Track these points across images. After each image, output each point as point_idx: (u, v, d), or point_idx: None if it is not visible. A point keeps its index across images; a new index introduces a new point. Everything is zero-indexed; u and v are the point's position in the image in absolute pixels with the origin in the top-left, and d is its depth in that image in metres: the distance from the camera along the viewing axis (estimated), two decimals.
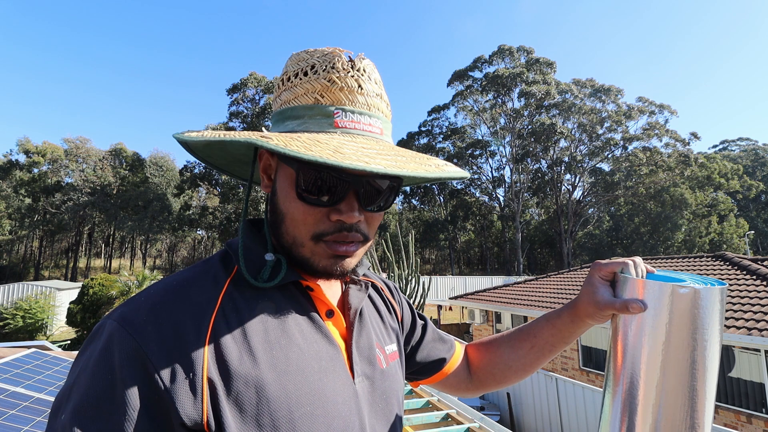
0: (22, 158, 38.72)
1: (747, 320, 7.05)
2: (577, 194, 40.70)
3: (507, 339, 0.85)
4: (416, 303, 8.72)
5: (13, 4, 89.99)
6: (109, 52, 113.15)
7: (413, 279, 8.98)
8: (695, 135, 35.90)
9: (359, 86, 0.58)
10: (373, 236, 0.63)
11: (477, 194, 43.27)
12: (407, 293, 8.80)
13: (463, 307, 16.05)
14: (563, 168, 38.91)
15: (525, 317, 11.39)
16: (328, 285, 0.66)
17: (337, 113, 0.56)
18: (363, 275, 0.72)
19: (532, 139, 37.36)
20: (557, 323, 0.77)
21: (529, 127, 38.19)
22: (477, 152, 41.05)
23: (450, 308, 22.50)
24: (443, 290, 24.86)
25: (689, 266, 10.38)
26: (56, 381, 3.51)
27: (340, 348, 0.61)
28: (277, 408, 0.50)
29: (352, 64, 0.59)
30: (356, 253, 0.59)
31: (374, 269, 8.14)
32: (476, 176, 41.50)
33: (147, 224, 39.38)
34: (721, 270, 9.46)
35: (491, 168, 42.29)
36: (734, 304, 7.66)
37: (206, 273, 0.57)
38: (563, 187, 40.24)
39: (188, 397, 0.47)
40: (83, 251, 48.34)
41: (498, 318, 13.16)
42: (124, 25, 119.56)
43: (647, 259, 10.47)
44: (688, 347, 0.57)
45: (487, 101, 40.28)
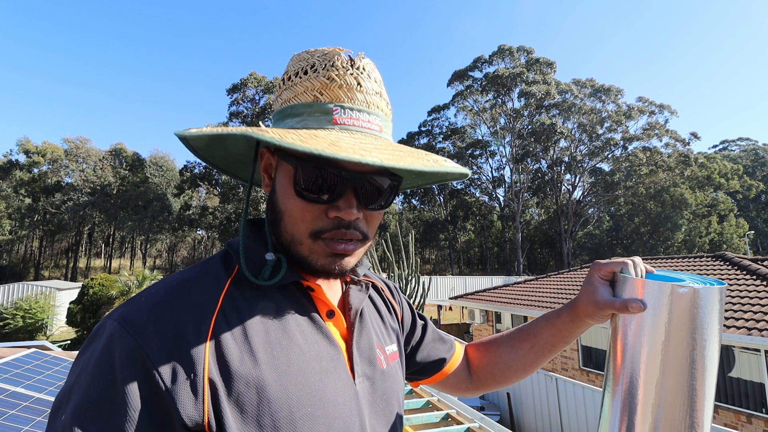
0: (22, 158, 38.73)
1: (747, 320, 7.05)
2: (577, 194, 40.75)
3: (507, 339, 0.85)
4: (416, 303, 8.72)
5: (13, 4, 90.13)
6: (109, 52, 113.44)
7: (413, 279, 8.98)
8: (695, 135, 35.91)
9: (358, 84, 0.58)
10: (373, 236, 0.62)
11: (477, 194, 43.29)
12: (407, 293, 8.80)
13: (463, 307, 16.04)
14: (563, 168, 38.90)
15: (525, 317, 11.39)
16: (329, 285, 0.66)
17: (336, 110, 0.56)
18: (363, 275, 0.72)
19: (532, 139, 37.36)
20: (557, 323, 0.77)
21: (529, 127, 38.18)
22: (477, 152, 41.06)
23: (450, 308, 22.49)
24: (443, 290, 24.84)
25: (689, 266, 10.37)
26: (56, 381, 3.51)
27: (341, 348, 0.61)
28: (278, 409, 0.50)
29: (352, 63, 0.59)
30: (355, 252, 0.59)
31: (374, 269, 8.14)
32: (476, 176, 41.51)
33: (147, 224, 39.37)
34: (721, 270, 9.45)
35: (491, 168, 42.37)
36: (734, 304, 7.66)
37: (207, 273, 0.57)
38: (563, 187, 40.24)
39: (189, 398, 0.47)
40: (83, 251, 48.34)
41: (498, 318, 13.16)
42: (124, 25, 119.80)
43: (647, 259, 10.47)
44: (688, 347, 0.57)
45: (487, 101, 40.28)
